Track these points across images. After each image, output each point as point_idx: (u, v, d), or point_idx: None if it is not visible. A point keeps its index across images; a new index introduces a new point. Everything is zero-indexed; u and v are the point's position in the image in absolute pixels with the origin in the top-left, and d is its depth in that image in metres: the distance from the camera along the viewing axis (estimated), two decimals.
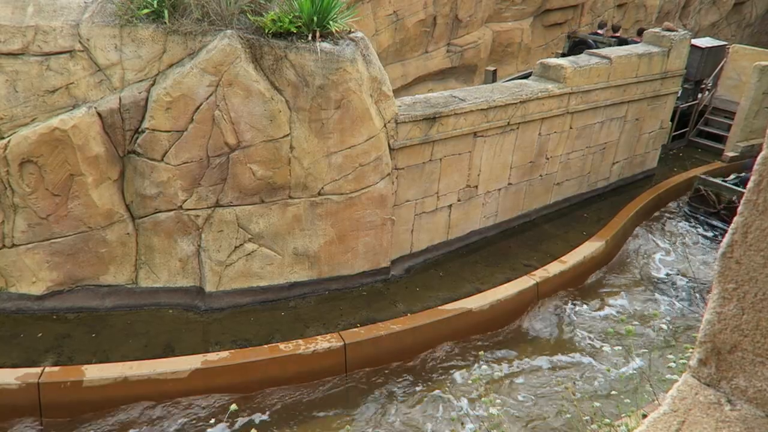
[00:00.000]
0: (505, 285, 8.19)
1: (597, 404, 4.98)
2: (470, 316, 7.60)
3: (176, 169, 6.71)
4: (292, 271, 7.61)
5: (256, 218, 7.17)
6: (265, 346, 6.73)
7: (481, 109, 8.21)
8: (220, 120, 6.61)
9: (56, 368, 6.09)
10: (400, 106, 7.65)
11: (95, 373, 6.06)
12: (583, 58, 9.85)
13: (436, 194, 8.41)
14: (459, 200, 8.75)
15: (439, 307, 7.66)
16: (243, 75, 6.48)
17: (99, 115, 6.45)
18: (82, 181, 6.54)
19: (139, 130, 6.61)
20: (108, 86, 6.48)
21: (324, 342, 6.81)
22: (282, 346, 6.71)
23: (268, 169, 6.94)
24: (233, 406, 4.70)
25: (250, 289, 7.46)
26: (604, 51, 10.25)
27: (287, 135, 6.88)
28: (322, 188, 7.29)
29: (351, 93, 6.89)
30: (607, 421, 4.19)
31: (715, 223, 10.67)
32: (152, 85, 6.51)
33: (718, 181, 10.81)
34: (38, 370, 6.01)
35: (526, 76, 10.45)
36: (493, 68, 12.03)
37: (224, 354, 6.52)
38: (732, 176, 11.31)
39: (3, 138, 6.33)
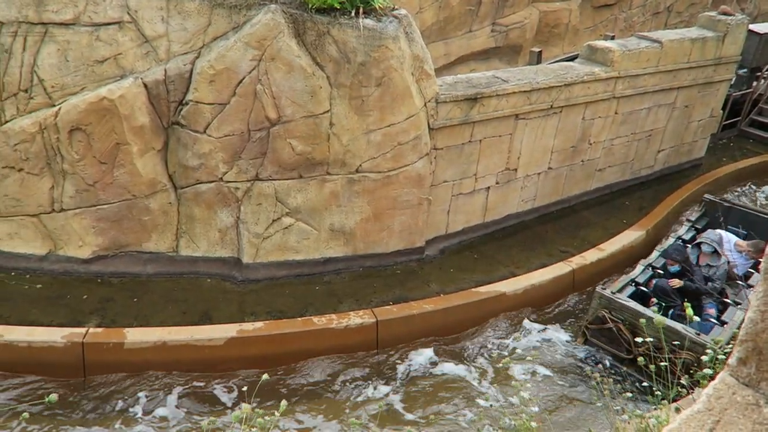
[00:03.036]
0: (541, 270, 8.11)
1: (629, 395, 4.93)
2: (503, 300, 7.57)
3: (218, 142, 6.82)
4: (328, 246, 7.69)
5: (294, 193, 7.25)
6: (299, 318, 6.85)
7: (524, 91, 8.06)
8: (262, 94, 6.66)
9: (99, 330, 6.33)
10: (441, 86, 7.57)
11: (136, 336, 6.29)
12: (632, 41, 9.53)
13: (474, 176, 8.33)
14: (497, 183, 8.66)
15: (473, 289, 7.65)
16: (285, 50, 6.50)
17: (145, 85, 6.58)
18: (127, 150, 6.71)
19: (183, 101, 6.73)
20: (154, 58, 6.59)
21: (357, 318, 6.89)
22: (315, 319, 6.82)
23: (308, 144, 6.99)
24: (265, 376, 4.82)
25: (286, 262, 7.58)
26: (655, 34, 9.89)
27: (327, 111, 6.90)
28: (360, 165, 7.30)
29: (392, 71, 6.85)
30: (638, 413, 4.14)
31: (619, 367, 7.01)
32: (197, 57, 6.60)
33: (631, 305, 6.85)
34: (83, 330, 6.27)
35: (572, 59, 10.19)
36: (538, 49, 11.75)
37: (259, 324, 6.66)
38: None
39: (54, 106, 6.53)
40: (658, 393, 4.19)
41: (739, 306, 7.05)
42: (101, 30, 6.38)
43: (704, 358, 4.25)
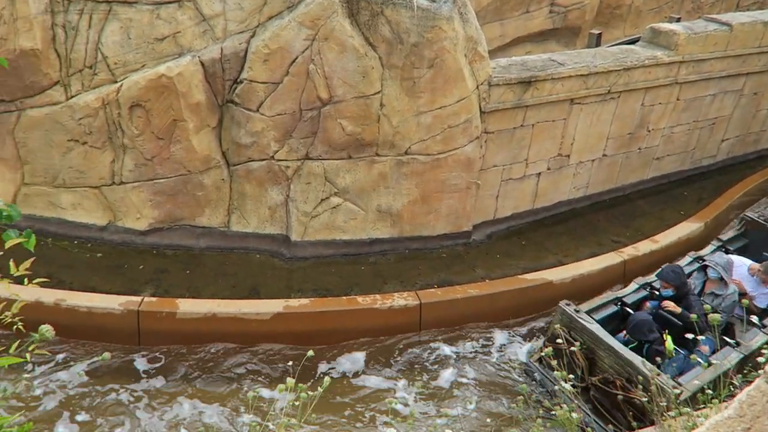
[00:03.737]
0: (590, 260, 7.93)
1: (677, 391, 4.79)
2: (550, 288, 7.45)
3: (270, 120, 6.93)
4: (375, 227, 7.74)
5: (343, 173, 7.31)
6: (344, 297, 6.95)
7: (581, 75, 7.82)
8: (314, 74, 6.71)
9: (154, 299, 6.60)
10: (494, 68, 7.43)
11: (188, 306, 6.52)
12: (699, 24, 9.08)
13: (525, 161, 8.19)
14: (549, 169, 8.48)
15: (519, 276, 7.56)
16: (339, 30, 6.51)
17: (202, 64, 6.73)
18: (184, 126, 6.91)
19: (238, 80, 6.85)
20: (211, 36, 6.73)
21: (401, 299, 6.93)
22: (360, 299, 6.90)
23: (358, 125, 7.02)
24: (310, 352, 4.92)
25: (333, 241, 7.68)
26: (725, 16, 9.39)
27: (378, 92, 6.89)
28: (410, 147, 7.28)
29: (445, 52, 6.77)
30: (687, 410, 4.03)
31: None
32: (252, 36, 6.70)
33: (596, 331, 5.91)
34: (138, 299, 6.55)
35: (633, 42, 9.80)
36: (597, 32, 11.35)
37: (305, 301, 6.80)
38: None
39: (116, 82, 6.77)
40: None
41: (737, 348, 5.75)
42: (161, 8, 6.54)
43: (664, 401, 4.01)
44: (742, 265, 6.87)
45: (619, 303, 6.46)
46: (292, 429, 3.58)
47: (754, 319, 6.00)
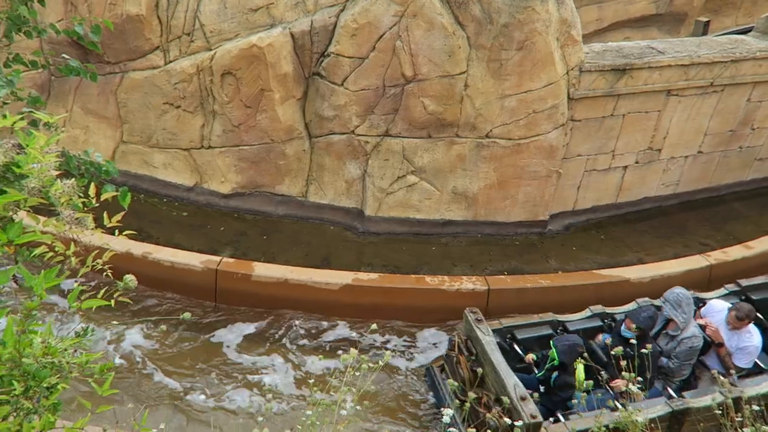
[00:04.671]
0: (673, 261, 7.54)
1: (756, 408, 4.52)
2: (626, 286, 7.16)
3: (353, 95, 7.00)
4: (449, 209, 7.70)
5: (421, 152, 7.30)
6: (413, 276, 7.00)
7: (682, 65, 7.36)
8: (400, 51, 6.70)
9: (232, 260, 6.91)
10: (587, 53, 7.13)
11: (262, 270, 6.79)
12: None
13: (612, 152, 7.85)
14: (637, 162, 8.09)
15: (594, 271, 7.31)
16: (428, 7, 6.45)
17: (292, 35, 6.88)
18: (270, 96, 7.11)
19: (325, 53, 6.95)
20: (302, 9, 6.85)
21: (469, 283, 6.89)
22: (428, 279, 6.93)
23: (440, 104, 6.96)
24: (373, 326, 5.02)
25: (406, 219, 7.72)
26: None
27: (463, 72, 6.79)
28: (491, 131, 7.16)
29: (536, 34, 6.56)
30: (765, 429, 3.79)
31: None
32: (341, 10, 6.76)
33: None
34: (218, 258, 6.88)
35: (745, 32, 9.08)
36: (705, 19, 10.60)
37: (374, 276, 6.90)
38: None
39: (211, 50, 7.05)
40: None
41: (669, 401, 4.83)
42: None
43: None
44: (723, 310, 5.54)
45: (560, 327, 5.72)
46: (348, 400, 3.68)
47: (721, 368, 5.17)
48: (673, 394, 5.11)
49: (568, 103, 7.17)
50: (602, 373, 4.53)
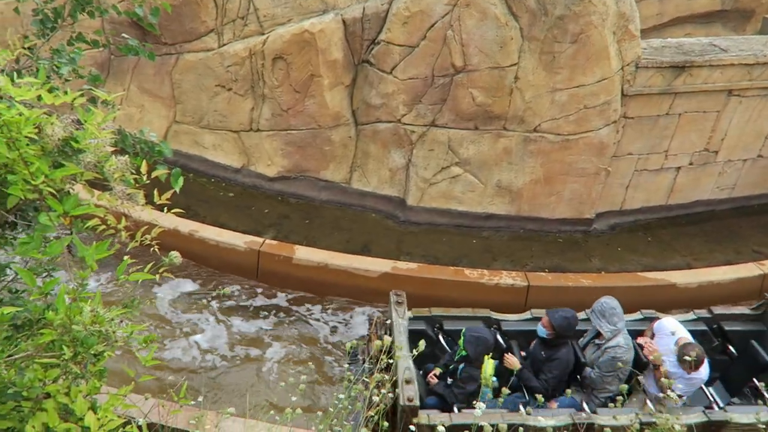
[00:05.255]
0: (724, 267, 7.27)
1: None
2: (672, 291, 6.96)
3: (402, 84, 6.99)
4: (492, 202, 7.63)
5: (467, 144, 7.24)
6: (451, 267, 6.97)
7: (746, 64, 7.05)
8: (451, 40, 6.64)
9: (274, 242, 7.04)
10: (645, 49, 6.90)
11: (303, 254, 6.89)
12: None
13: (665, 152, 7.60)
14: (691, 164, 7.82)
15: (639, 273, 7.12)
16: None
17: (343, 22, 6.90)
18: (319, 82, 7.17)
19: (375, 41, 6.95)
20: None
21: (508, 278, 6.82)
22: (467, 271, 6.89)
23: (489, 96, 6.88)
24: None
25: (447, 210, 7.69)
26: None
27: (514, 64, 6.69)
28: (539, 125, 7.04)
29: (591, 27, 6.39)
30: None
31: None
32: None
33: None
34: (261, 240, 7.02)
35: None
36: None
37: (413, 265, 6.91)
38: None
39: (263, 34, 7.15)
40: None
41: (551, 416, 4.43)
42: None
43: None
44: (673, 334, 4.97)
45: (495, 326, 5.45)
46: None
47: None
48: (586, 407, 4.74)
49: (622, 100, 6.97)
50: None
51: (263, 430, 3.75)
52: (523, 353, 5.31)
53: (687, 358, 4.58)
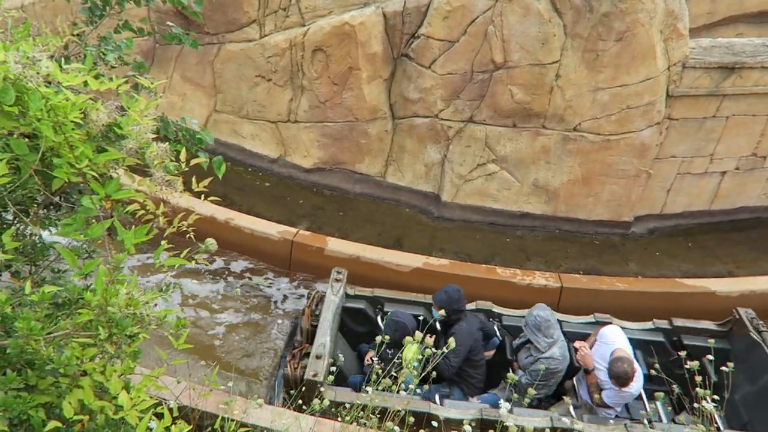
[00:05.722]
0: None
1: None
2: (711, 300, 6.75)
3: (440, 78, 6.94)
4: (527, 201, 7.53)
5: (504, 141, 7.16)
6: (484, 265, 6.91)
7: None
8: (492, 36, 6.56)
9: (307, 233, 7.10)
10: (693, 49, 6.69)
11: (336, 245, 6.93)
12: None
13: (710, 156, 7.37)
14: (737, 168, 7.56)
15: (677, 279, 6.94)
16: None
17: (384, 15, 6.89)
18: (358, 75, 7.17)
19: (415, 35, 6.92)
20: None
21: (542, 278, 6.73)
22: (499, 270, 6.82)
23: (528, 93, 6.78)
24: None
25: (482, 208, 7.62)
26: None
27: (556, 62, 6.57)
28: (579, 124, 6.90)
29: (638, 25, 6.22)
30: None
31: None
32: None
33: None
34: (294, 230, 7.09)
35: None
36: None
37: (445, 262, 6.87)
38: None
39: (304, 26, 7.19)
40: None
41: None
42: None
43: None
44: (613, 344, 4.76)
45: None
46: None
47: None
48: (503, 404, 4.57)
49: (666, 101, 6.78)
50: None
51: (290, 418, 3.79)
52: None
53: (614, 372, 4.44)
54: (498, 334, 5.41)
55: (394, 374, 4.09)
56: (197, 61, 7.90)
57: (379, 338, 3.94)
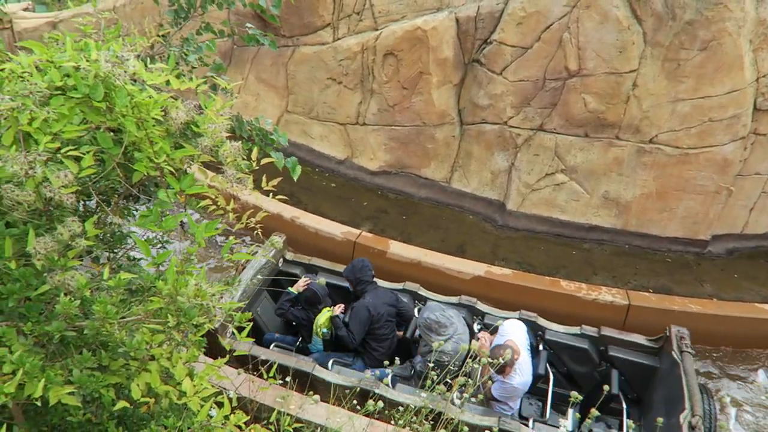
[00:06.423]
0: None
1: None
2: None
3: (511, 85, 6.84)
4: (596, 213, 7.29)
5: (575, 151, 6.97)
6: (547, 277, 6.75)
7: None
8: (567, 43, 6.41)
9: (370, 235, 7.15)
10: None
11: (397, 249, 6.94)
12: None
13: None
14: None
15: (757, 304, 6.52)
16: None
17: (457, 20, 6.86)
18: (427, 79, 7.18)
19: (488, 40, 6.85)
20: None
21: (608, 294, 6.50)
22: (564, 283, 6.64)
23: (602, 103, 6.57)
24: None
25: (548, 218, 7.45)
26: None
27: (634, 70, 6.34)
28: (656, 136, 6.63)
29: (725, 34, 5.91)
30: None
31: None
32: None
33: None
34: (357, 231, 7.16)
35: None
36: None
37: (507, 271, 6.75)
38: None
39: (377, 30, 7.26)
40: None
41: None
42: None
43: None
44: (506, 336, 4.66)
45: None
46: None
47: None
48: (369, 372, 4.65)
49: (753, 114, 6.40)
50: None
51: (344, 416, 3.83)
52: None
53: (486, 357, 4.13)
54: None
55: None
56: (272, 63, 8.14)
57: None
